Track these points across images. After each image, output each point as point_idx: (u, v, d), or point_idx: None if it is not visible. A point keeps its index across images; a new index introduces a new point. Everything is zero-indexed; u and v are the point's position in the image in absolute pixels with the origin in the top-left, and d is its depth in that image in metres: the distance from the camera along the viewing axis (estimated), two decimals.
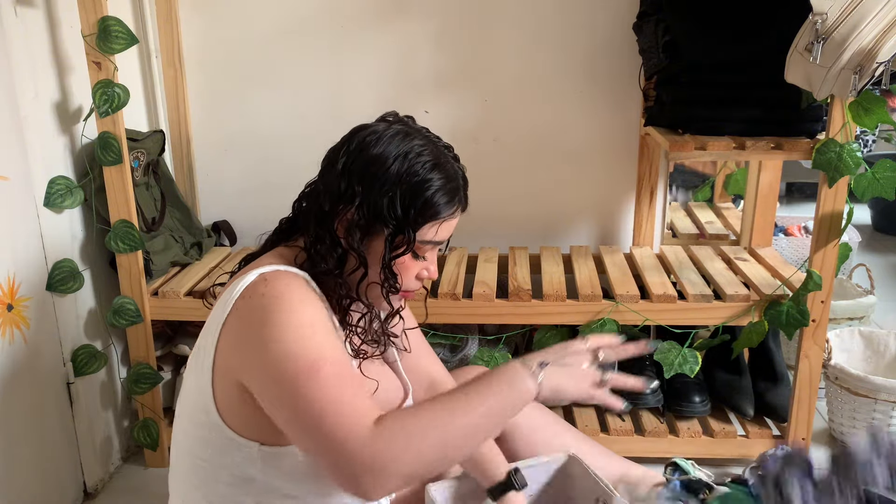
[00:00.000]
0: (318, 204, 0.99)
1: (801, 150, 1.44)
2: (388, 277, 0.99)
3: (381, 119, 1.04)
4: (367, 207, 0.96)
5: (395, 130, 0.99)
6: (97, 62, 1.42)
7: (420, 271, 1.04)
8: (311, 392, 0.85)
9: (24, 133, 1.39)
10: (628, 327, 1.57)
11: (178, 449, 1.04)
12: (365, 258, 0.98)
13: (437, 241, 1.02)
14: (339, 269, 0.99)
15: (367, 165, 0.97)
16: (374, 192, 0.96)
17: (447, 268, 1.71)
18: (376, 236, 0.98)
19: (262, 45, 1.84)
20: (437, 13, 1.80)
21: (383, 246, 0.98)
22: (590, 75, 1.82)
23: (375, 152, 0.97)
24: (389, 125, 1.01)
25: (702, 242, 1.98)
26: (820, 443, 1.77)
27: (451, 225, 1.02)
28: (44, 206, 1.46)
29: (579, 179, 1.90)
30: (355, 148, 0.98)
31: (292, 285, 0.93)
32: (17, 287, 1.37)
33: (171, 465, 1.06)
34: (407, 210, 0.96)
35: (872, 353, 1.90)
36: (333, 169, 0.99)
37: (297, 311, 0.90)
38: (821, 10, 1.25)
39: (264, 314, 0.90)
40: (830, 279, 1.48)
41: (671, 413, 1.68)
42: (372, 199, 0.96)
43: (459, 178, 1.02)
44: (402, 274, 1.01)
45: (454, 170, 1.01)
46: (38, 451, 1.44)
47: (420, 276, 1.04)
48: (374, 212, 0.96)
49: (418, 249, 1.01)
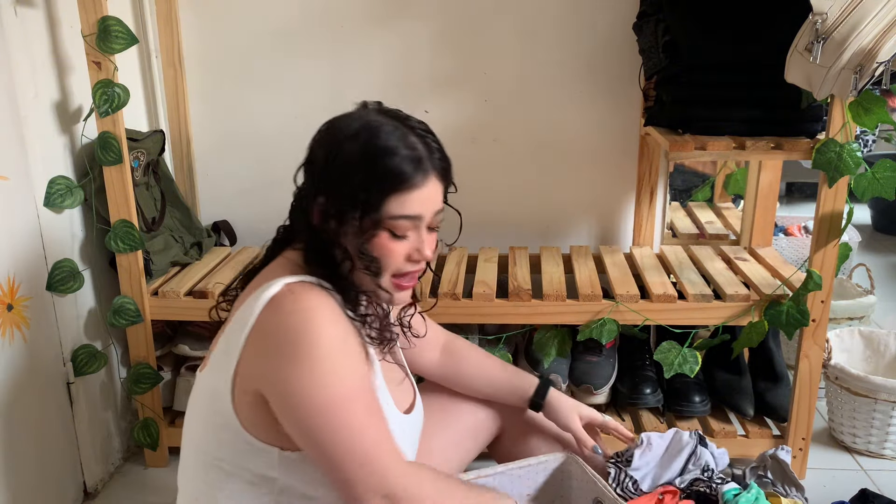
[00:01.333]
0: (299, 204, 1.00)
1: (801, 150, 1.44)
2: (367, 262, 0.97)
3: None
4: (333, 193, 0.95)
5: (358, 114, 0.99)
6: (97, 62, 1.42)
7: (411, 252, 1.00)
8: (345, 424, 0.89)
9: (24, 133, 1.39)
10: (628, 327, 1.57)
11: (189, 448, 1.03)
12: (346, 248, 0.97)
13: (410, 214, 0.97)
14: (333, 265, 0.98)
15: (327, 151, 0.96)
16: (334, 175, 0.95)
17: (447, 268, 1.71)
18: (350, 222, 0.96)
19: (262, 45, 1.84)
20: (437, 13, 1.80)
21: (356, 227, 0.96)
22: (590, 75, 1.82)
23: (333, 137, 0.97)
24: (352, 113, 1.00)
25: (702, 242, 1.98)
26: (820, 443, 1.77)
27: (423, 197, 0.97)
28: (44, 206, 1.46)
29: (579, 179, 1.90)
30: (318, 138, 0.99)
31: (318, 301, 0.92)
32: (17, 287, 1.37)
33: (181, 463, 1.06)
34: (367, 186, 0.94)
35: (872, 353, 1.90)
36: (309, 164, 0.99)
37: (328, 333, 0.90)
38: (821, 10, 1.25)
39: (296, 336, 0.89)
40: (830, 279, 1.48)
41: (671, 413, 1.68)
42: (334, 184, 0.95)
43: (423, 148, 0.98)
44: (386, 257, 0.98)
45: (417, 140, 0.98)
46: (38, 451, 1.44)
47: (412, 258, 1.00)
48: (339, 196, 0.95)
49: (393, 227, 0.97)
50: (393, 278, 1.01)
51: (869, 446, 1.71)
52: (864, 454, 1.72)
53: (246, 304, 0.95)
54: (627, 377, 1.69)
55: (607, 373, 1.67)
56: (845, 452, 1.74)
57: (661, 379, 1.67)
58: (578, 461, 1.22)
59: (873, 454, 1.71)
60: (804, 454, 1.59)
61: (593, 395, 1.67)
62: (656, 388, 1.66)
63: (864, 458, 1.71)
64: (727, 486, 1.28)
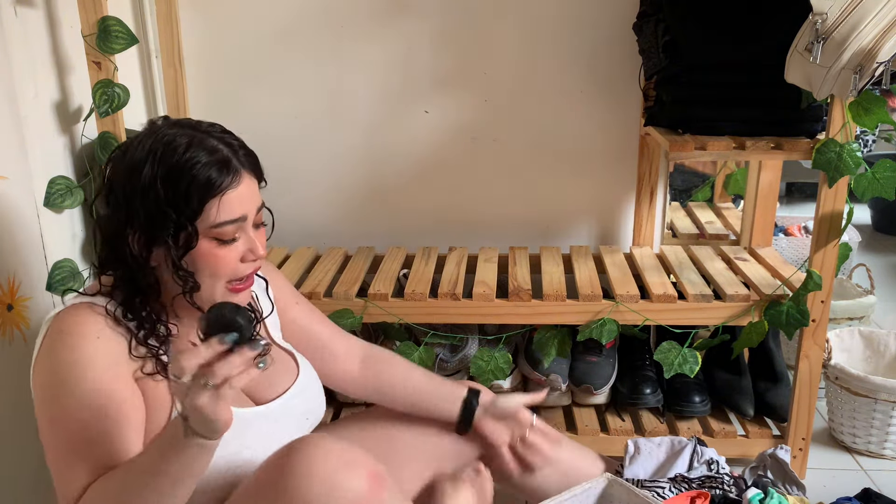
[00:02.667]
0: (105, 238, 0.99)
1: (801, 150, 1.44)
2: (184, 279, 0.97)
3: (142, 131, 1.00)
4: (141, 219, 0.94)
5: (144, 134, 0.96)
6: (97, 62, 1.42)
7: (244, 254, 1.00)
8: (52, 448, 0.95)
9: (24, 133, 1.39)
10: (628, 327, 1.57)
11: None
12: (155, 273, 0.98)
13: (231, 218, 0.96)
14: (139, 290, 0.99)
15: (124, 179, 0.95)
16: (137, 200, 0.93)
17: (447, 268, 1.71)
18: (163, 242, 0.95)
19: (262, 45, 1.84)
20: (437, 13, 1.80)
21: (171, 248, 0.95)
22: (590, 75, 1.82)
23: (126, 163, 0.95)
24: (138, 134, 0.98)
25: (702, 242, 1.98)
26: (820, 443, 1.77)
27: (241, 197, 0.96)
28: (44, 206, 1.45)
29: (579, 179, 1.90)
30: (111, 169, 0.98)
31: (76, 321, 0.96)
32: (17, 287, 1.37)
33: None
34: (175, 203, 0.93)
35: (872, 353, 1.90)
36: (108, 194, 0.98)
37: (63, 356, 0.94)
38: (821, 10, 1.25)
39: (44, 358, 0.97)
40: (830, 279, 1.48)
41: (671, 413, 1.68)
42: (139, 209, 0.93)
43: (226, 148, 0.97)
44: (216, 265, 0.97)
45: (216, 142, 0.96)
46: (38, 451, 1.43)
47: (245, 259, 1.00)
48: (147, 220, 0.94)
49: (219, 235, 0.96)
50: (228, 284, 1.01)
51: (869, 446, 1.71)
52: (864, 454, 1.72)
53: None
54: (627, 377, 1.69)
55: (607, 373, 1.67)
56: (845, 452, 1.74)
57: (661, 379, 1.66)
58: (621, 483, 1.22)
59: (873, 454, 1.71)
60: (804, 454, 1.59)
61: (593, 395, 1.67)
62: (656, 388, 1.66)
63: (864, 458, 1.71)
64: (751, 492, 1.29)
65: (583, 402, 1.72)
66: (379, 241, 1.91)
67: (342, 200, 1.91)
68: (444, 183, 1.91)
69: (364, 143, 1.89)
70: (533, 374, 1.65)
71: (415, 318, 1.59)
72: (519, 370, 1.73)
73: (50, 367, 0.95)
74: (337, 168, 1.90)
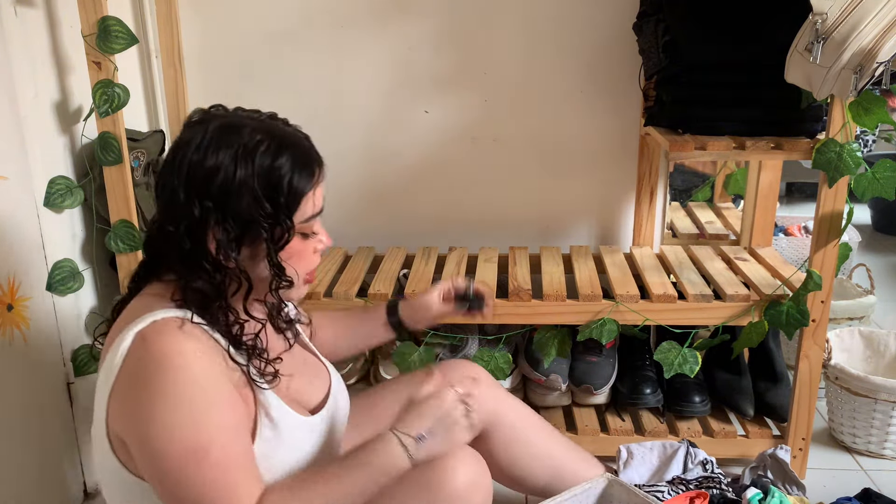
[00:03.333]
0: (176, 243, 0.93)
1: (801, 150, 1.44)
2: (279, 274, 0.96)
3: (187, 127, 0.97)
4: (234, 220, 0.92)
5: (212, 131, 0.93)
6: (97, 62, 1.42)
7: (315, 245, 1.01)
8: (194, 477, 0.86)
9: (24, 133, 1.39)
10: (628, 327, 1.57)
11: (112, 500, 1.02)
12: (246, 271, 0.95)
13: (317, 211, 0.99)
14: (222, 295, 0.95)
15: (209, 181, 0.91)
16: (232, 203, 0.91)
17: (447, 268, 1.71)
18: (255, 241, 0.94)
19: (263, 45, 1.84)
20: (437, 13, 1.80)
21: (265, 246, 0.94)
22: (590, 75, 1.82)
23: (210, 164, 0.91)
24: (204, 128, 0.94)
25: (702, 242, 1.98)
26: (820, 443, 1.77)
27: (321, 188, 0.99)
28: (44, 206, 1.46)
29: (579, 179, 1.90)
30: (186, 171, 0.92)
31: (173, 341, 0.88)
32: (17, 287, 1.37)
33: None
34: (275, 202, 0.93)
35: (872, 353, 1.90)
36: (175, 201, 0.92)
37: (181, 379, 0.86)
38: (821, 10, 1.25)
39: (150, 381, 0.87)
40: (830, 279, 1.48)
41: (671, 413, 1.68)
42: (234, 211, 0.91)
43: (304, 142, 0.98)
44: (299, 259, 0.98)
45: (296, 138, 0.97)
46: (38, 451, 1.44)
47: (316, 250, 1.02)
48: (242, 221, 0.92)
49: (305, 229, 0.98)
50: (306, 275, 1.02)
51: (869, 446, 1.71)
52: (864, 454, 1.72)
53: (105, 361, 0.92)
54: (627, 377, 1.69)
55: (607, 373, 1.67)
56: (845, 452, 1.74)
57: (661, 379, 1.66)
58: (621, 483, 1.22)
59: (873, 454, 1.71)
60: (804, 454, 1.59)
61: (593, 395, 1.67)
62: (656, 388, 1.66)
63: (864, 458, 1.71)
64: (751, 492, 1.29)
65: (583, 402, 1.72)
66: (379, 240, 1.91)
67: (342, 200, 1.91)
68: (444, 183, 1.91)
69: (364, 143, 1.89)
70: (533, 374, 1.65)
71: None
72: (519, 370, 1.73)
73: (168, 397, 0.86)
74: (337, 168, 1.87)
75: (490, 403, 1.28)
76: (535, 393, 1.71)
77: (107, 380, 0.91)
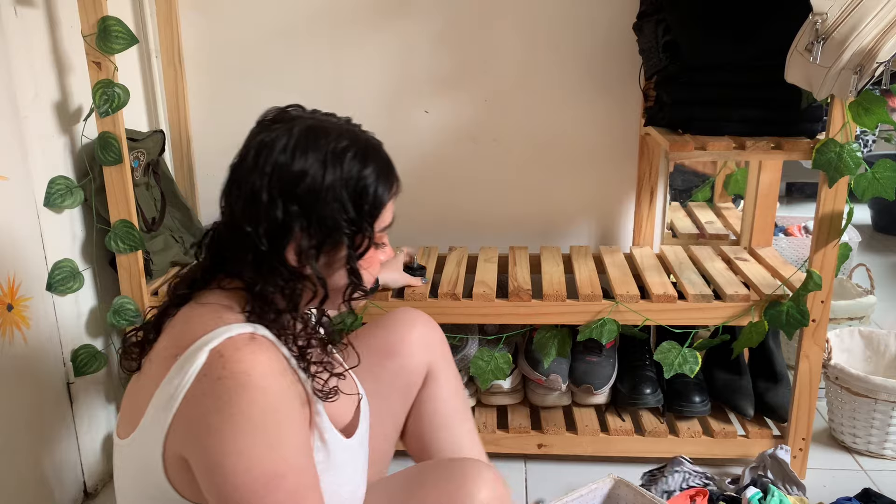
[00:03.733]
0: (252, 246, 0.89)
1: (801, 150, 1.44)
2: (358, 282, 0.95)
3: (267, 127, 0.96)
4: (318, 225, 0.89)
5: (299, 133, 0.91)
6: (97, 62, 1.42)
7: (381, 255, 1.01)
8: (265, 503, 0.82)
9: (24, 133, 1.39)
10: (628, 327, 1.57)
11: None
12: (324, 278, 0.92)
13: (391, 221, 0.99)
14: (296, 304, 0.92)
15: (296, 184, 0.88)
16: (318, 207, 0.89)
17: (447, 268, 1.71)
18: (334, 248, 0.92)
19: (262, 45, 1.84)
20: (437, 13, 1.80)
21: (345, 253, 0.92)
22: (590, 75, 1.82)
23: (298, 167, 0.88)
24: (288, 130, 0.92)
25: (702, 242, 1.98)
26: (820, 443, 1.77)
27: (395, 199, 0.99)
28: (44, 206, 1.46)
29: (579, 179, 1.90)
30: (271, 171, 0.89)
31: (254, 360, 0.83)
32: (17, 287, 1.37)
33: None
34: (360, 209, 0.92)
35: (872, 353, 1.90)
36: (256, 203, 0.89)
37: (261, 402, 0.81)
38: (821, 10, 1.25)
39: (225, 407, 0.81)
40: (830, 279, 1.48)
41: (671, 413, 1.68)
42: (319, 216, 0.89)
43: (384, 151, 0.97)
44: (370, 267, 0.98)
45: (378, 146, 0.97)
46: (38, 451, 1.44)
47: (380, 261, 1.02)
48: (326, 226, 0.89)
49: (380, 238, 0.98)
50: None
51: (869, 446, 1.71)
52: (864, 454, 1.72)
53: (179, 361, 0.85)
54: (627, 377, 1.69)
55: (607, 373, 1.67)
56: (845, 452, 1.74)
57: (661, 379, 1.67)
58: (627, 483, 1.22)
59: (873, 454, 1.71)
60: (804, 454, 1.59)
61: (593, 395, 1.67)
62: (656, 388, 1.66)
63: (864, 458, 1.71)
64: (750, 492, 1.29)
65: (583, 402, 1.72)
66: None
67: None
68: (444, 183, 1.91)
69: None
70: (533, 375, 1.65)
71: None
72: (519, 370, 1.73)
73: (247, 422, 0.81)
74: None
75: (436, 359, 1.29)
76: (536, 393, 1.71)
77: (171, 397, 0.84)
